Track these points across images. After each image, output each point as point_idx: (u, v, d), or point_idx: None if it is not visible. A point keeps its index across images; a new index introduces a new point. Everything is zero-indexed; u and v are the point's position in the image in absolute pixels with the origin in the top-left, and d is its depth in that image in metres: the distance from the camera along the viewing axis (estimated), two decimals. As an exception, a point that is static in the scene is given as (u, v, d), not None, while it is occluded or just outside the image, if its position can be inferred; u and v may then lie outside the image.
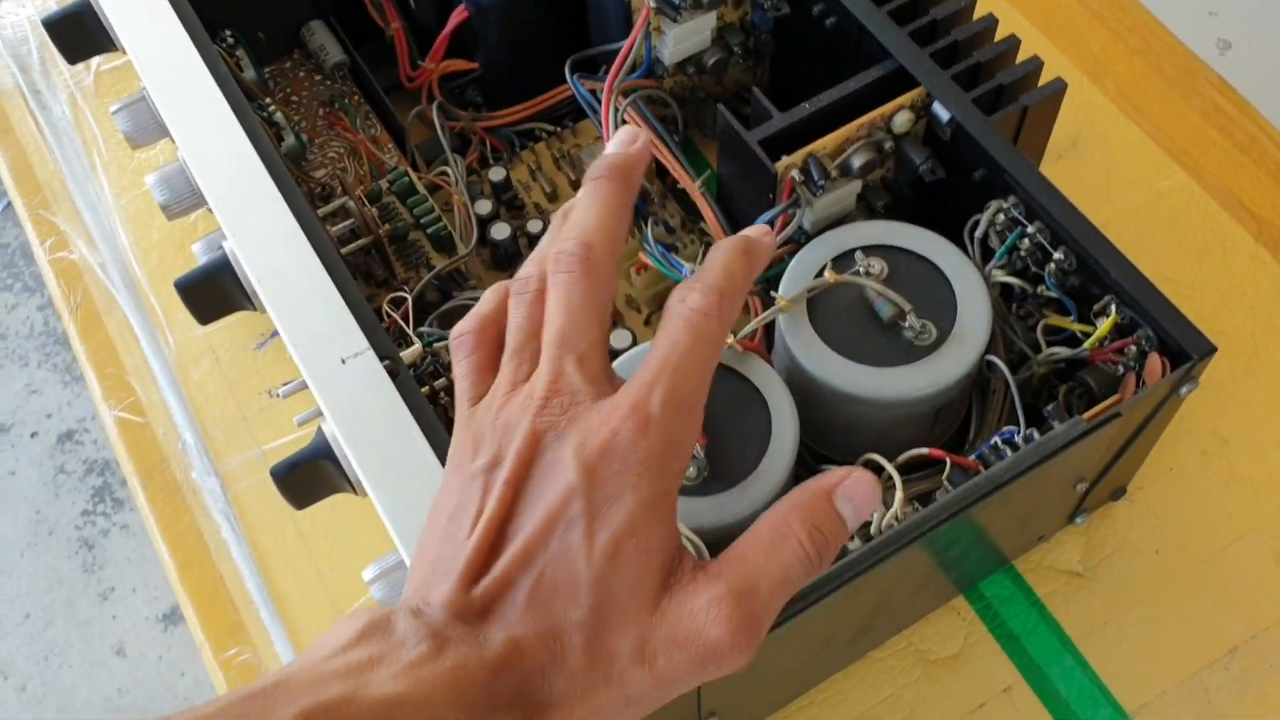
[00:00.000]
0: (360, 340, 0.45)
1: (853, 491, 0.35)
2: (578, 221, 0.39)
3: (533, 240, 0.61)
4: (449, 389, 0.49)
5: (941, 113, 0.52)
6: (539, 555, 0.34)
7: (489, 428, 0.37)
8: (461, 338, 0.40)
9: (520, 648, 0.33)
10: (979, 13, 0.56)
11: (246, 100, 0.57)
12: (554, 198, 0.63)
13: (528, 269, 0.39)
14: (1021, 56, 0.54)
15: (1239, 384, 0.59)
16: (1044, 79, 0.54)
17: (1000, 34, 0.55)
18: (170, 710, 0.34)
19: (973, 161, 0.52)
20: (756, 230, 0.42)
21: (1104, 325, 0.48)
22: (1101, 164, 0.66)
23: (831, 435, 0.52)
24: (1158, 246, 0.63)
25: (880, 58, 0.54)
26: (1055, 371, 0.51)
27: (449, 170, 0.59)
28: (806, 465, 0.53)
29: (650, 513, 0.34)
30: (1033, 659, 0.53)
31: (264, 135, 0.52)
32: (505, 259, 0.60)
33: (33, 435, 1.42)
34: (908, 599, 0.51)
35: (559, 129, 0.66)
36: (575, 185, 0.64)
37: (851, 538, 0.41)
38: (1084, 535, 0.56)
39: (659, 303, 0.60)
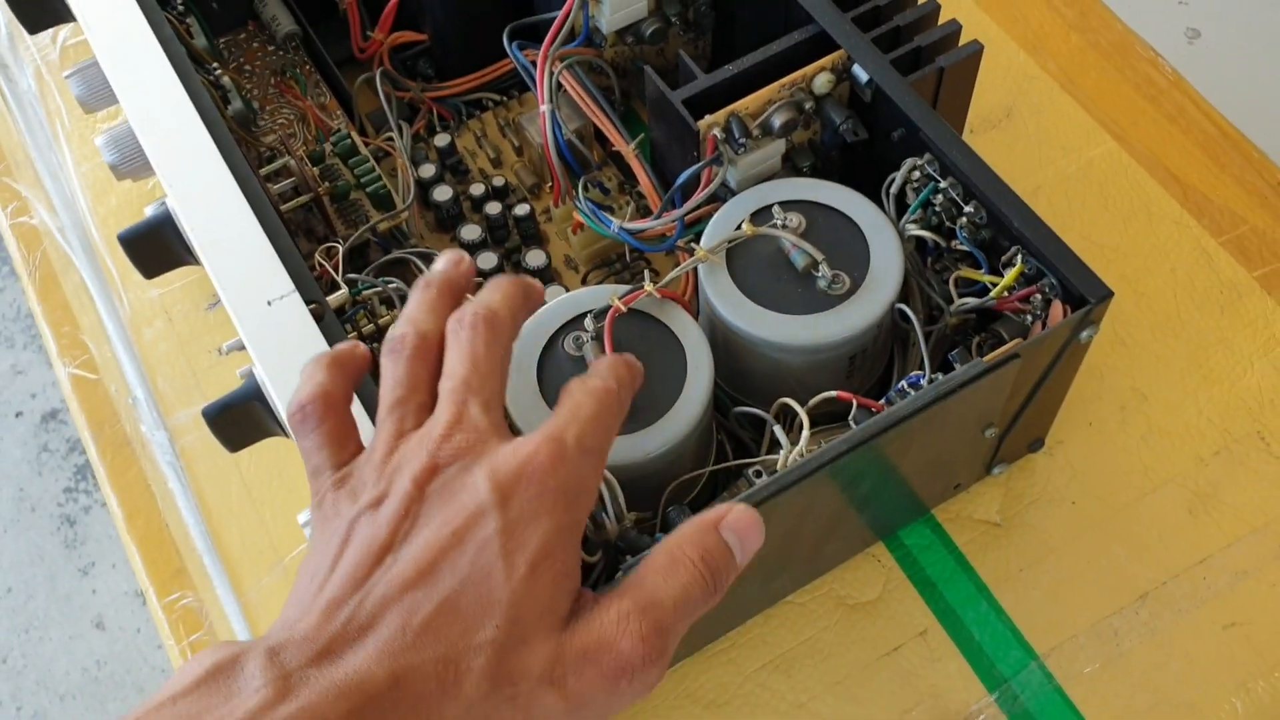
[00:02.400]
0: (287, 284, 0.47)
1: (735, 522, 0.37)
2: (482, 297, 0.40)
3: (475, 203, 0.63)
4: (378, 335, 0.50)
5: (861, 74, 0.54)
6: (445, 572, 0.32)
7: (371, 475, 0.35)
8: (304, 408, 0.38)
9: (402, 679, 0.31)
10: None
11: (195, 65, 0.59)
12: (498, 164, 0.65)
13: (399, 329, 0.39)
14: (961, 33, 0.56)
15: (1160, 342, 0.61)
16: (985, 56, 0.55)
17: (943, 10, 0.57)
18: (147, 683, 0.31)
19: (891, 121, 0.54)
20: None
21: (1010, 275, 0.50)
22: (1034, 133, 0.68)
23: (751, 383, 0.54)
24: (1086, 211, 0.65)
25: (806, 22, 0.56)
26: (974, 324, 0.53)
27: (394, 136, 0.61)
28: (726, 412, 0.54)
29: (564, 537, 0.34)
30: (949, 604, 0.55)
31: (207, 98, 0.54)
32: (448, 220, 0.62)
33: (17, 415, 1.44)
34: (823, 540, 0.52)
35: (506, 99, 0.68)
36: (519, 152, 0.66)
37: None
38: (1003, 486, 0.57)
39: (596, 260, 0.62)
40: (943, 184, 0.52)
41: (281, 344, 0.46)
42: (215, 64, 0.60)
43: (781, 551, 0.50)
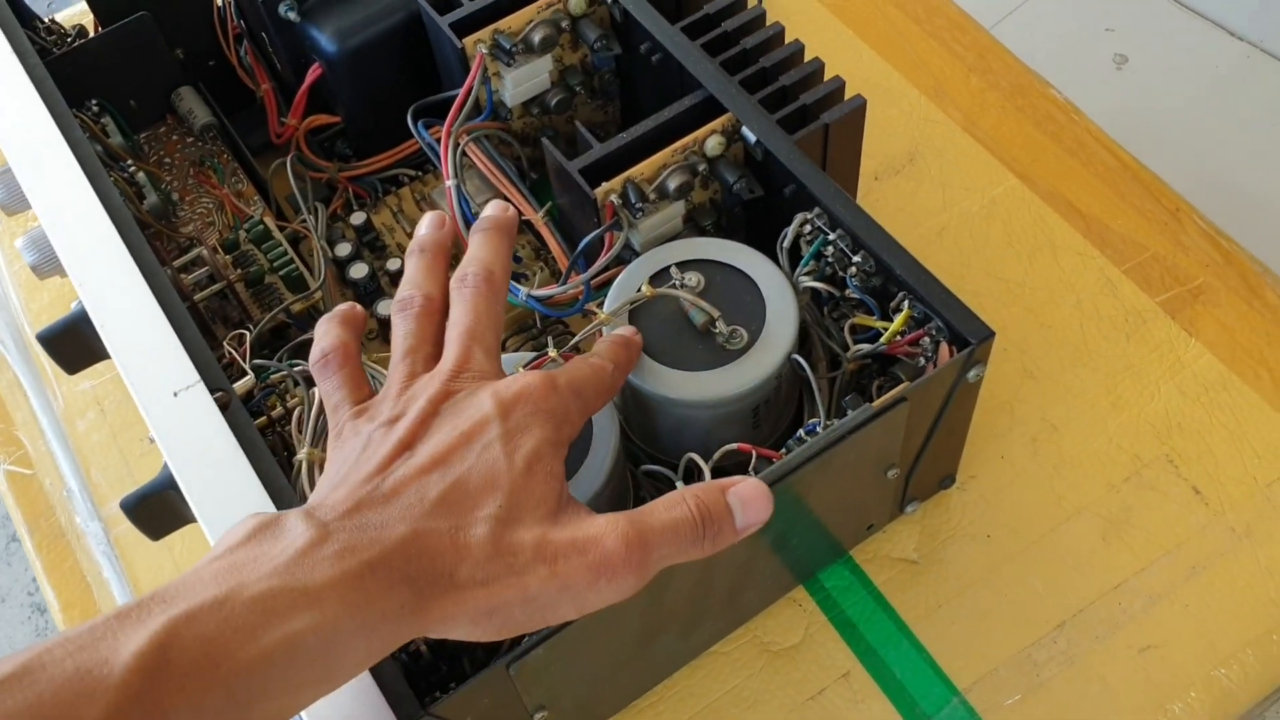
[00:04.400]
0: (192, 374, 0.48)
1: (742, 490, 0.40)
2: (476, 256, 0.45)
3: (393, 277, 0.64)
4: (287, 418, 0.52)
5: (749, 135, 0.56)
6: (456, 462, 0.37)
7: (388, 404, 0.40)
8: (326, 355, 0.43)
9: (421, 535, 0.36)
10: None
11: (111, 163, 0.61)
12: (414, 238, 0.67)
13: (406, 291, 0.44)
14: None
15: (1069, 373, 0.63)
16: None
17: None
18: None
19: (781, 178, 0.55)
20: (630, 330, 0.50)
21: (898, 320, 0.51)
22: (938, 175, 0.70)
23: (661, 438, 0.55)
24: (991, 248, 0.67)
25: (696, 87, 0.58)
26: (876, 368, 0.55)
27: (307, 217, 0.63)
28: (640, 465, 0.55)
29: (552, 449, 0.39)
30: (870, 644, 0.56)
31: (116, 195, 0.55)
32: (366, 297, 0.64)
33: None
34: (739, 588, 0.53)
35: (421, 173, 0.69)
36: (434, 225, 0.67)
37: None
38: (919, 524, 0.59)
39: (515, 326, 0.64)
40: (832, 236, 0.53)
41: (188, 433, 0.48)
42: (130, 160, 0.62)
43: (696, 602, 0.51)
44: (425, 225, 0.47)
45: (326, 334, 0.44)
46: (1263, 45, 1.56)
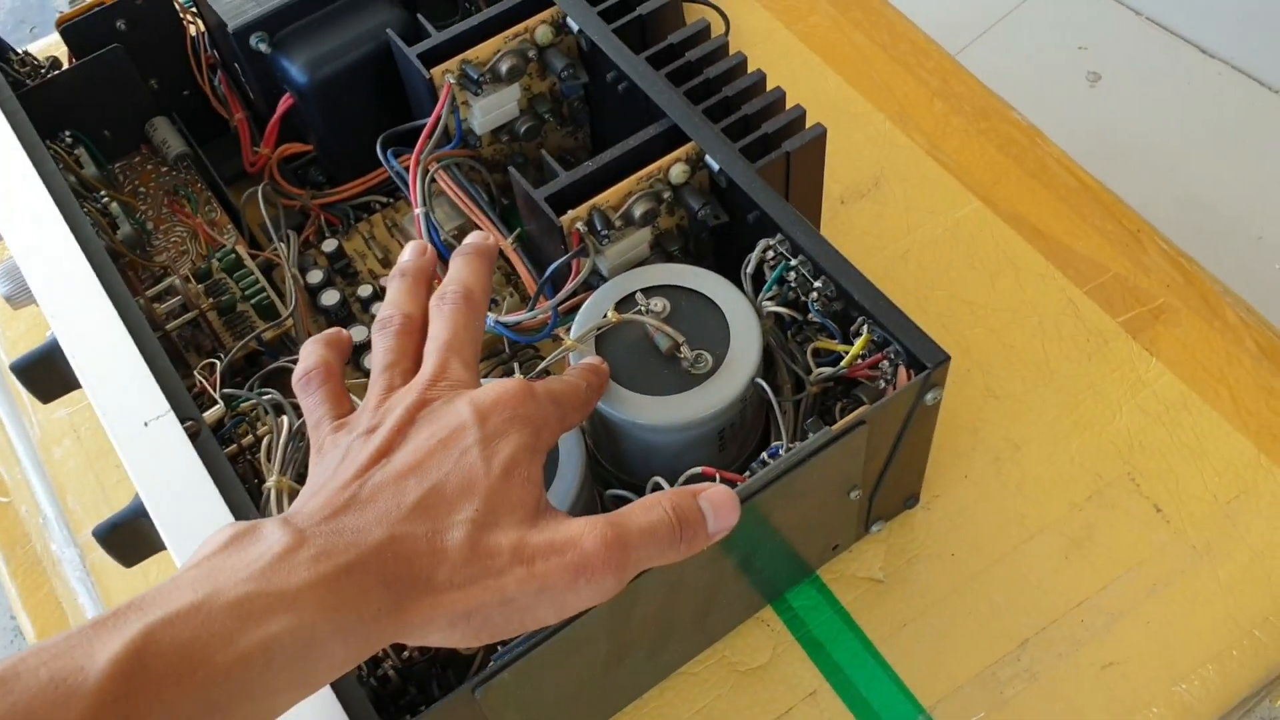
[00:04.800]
0: (163, 404, 0.49)
1: (712, 495, 0.41)
2: (456, 276, 0.46)
3: (365, 304, 0.65)
4: (255, 446, 0.52)
5: (713, 163, 0.57)
6: (433, 468, 0.38)
7: (366, 415, 0.41)
8: (308, 374, 0.44)
9: (397, 539, 0.36)
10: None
11: (84, 193, 0.62)
12: (387, 263, 0.68)
13: (386, 311, 0.45)
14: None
15: (1031, 393, 0.64)
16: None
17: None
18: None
19: (745, 205, 0.56)
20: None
21: (858, 344, 0.52)
22: (902, 199, 0.71)
23: (629, 462, 0.56)
24: (954, 270, 0.68)
25: (661, 116, 0.59)
26: (840, 391, 0.55)
27: (279, 246, 0.64)
28: (608, 488, 0.56)
29: (530, 455, 0.40)
30: (837, 663, 0.56)
31: (88, 226, 0.56)
32: (338, 323, 0.64)
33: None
34: (706, 608, 0.54)
35: (393, 200, 0.70)
36: (406, 251, 0.68)
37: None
38: (884, 543, 0.59)
39: (486, 351, 0.64)
40: (794, 262, 0.54)
41: (158, 462, 0.48)
42: (103, 191, 0.62)
43: (663, 623, 0.52)
44: (407, 252, 0.48)
45: (310, 354, 0.45)
46: (1235, 63, 1.58)
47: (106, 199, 0.61)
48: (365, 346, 0.63)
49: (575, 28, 0.62)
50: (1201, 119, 1.53)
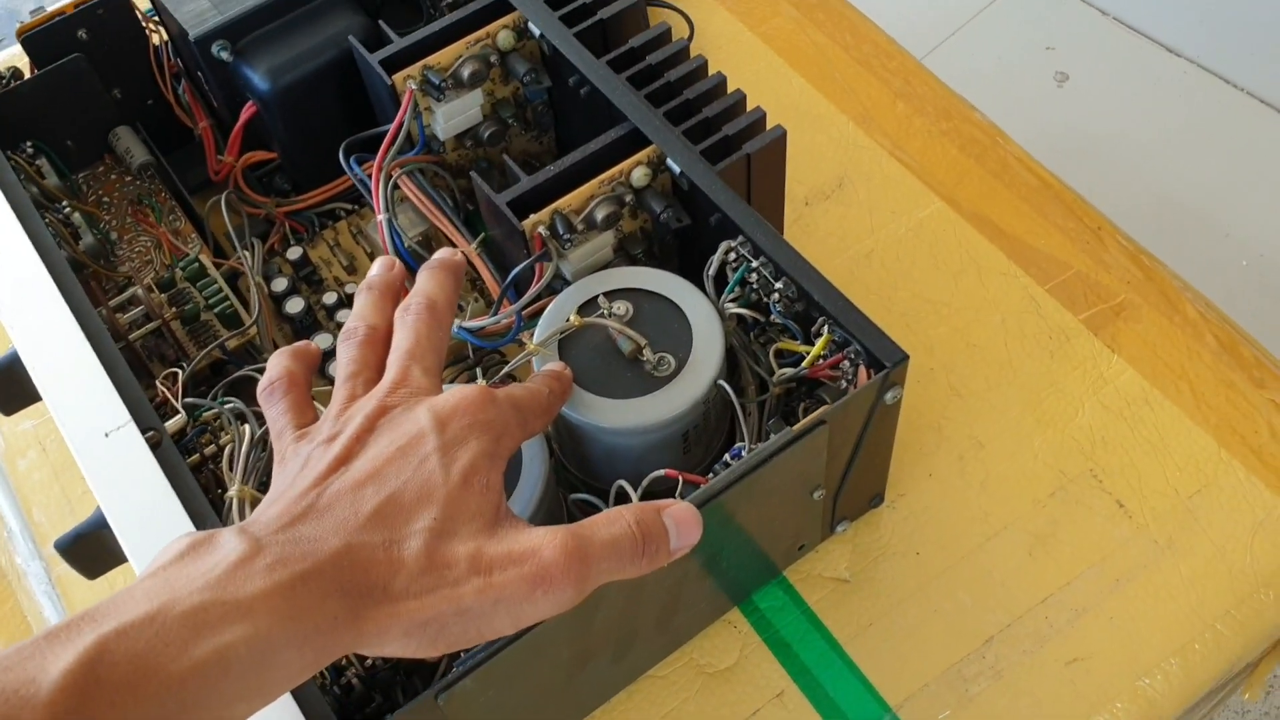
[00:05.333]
0: (123, 414, 0.49)
1: (675, 512, 0.42)
2: (420, 288, 0.46)
3: (330, 311, 0.65)
4: (217, 455, 0.52)
5: (674, 166, 0.57)
6: (391, 475, 0.38)
7: (327, 424, 0.41)
8: (272, 385, 0.44)
9: (354, 548, 0.36)
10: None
11: (46, 204, 0.61)
12: (352, 270, 0.68)
13: (351, 323, 0.46)
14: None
15: (994, 391, 0.64)
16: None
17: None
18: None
19: (707, 208, 0.57)
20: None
21: (818, 345, 0.52)
22: (865, 200, 0.71)
23: (594, 465, 0.56)
24: (918, 270, 0.68)
25: (623, 120, 0.59)
26: (803, 392, 0.56)
27: (245, 254, 0.63)
28: (575, 491, 0.56)
29: (490, 461, 0.40)
30: (803, 664, 0.57)
31: (48, 237, 0.56)
32: (303, 331, 0.64)
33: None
34: (671, 610, 0.54)
35: (358, 207, 0.70)
36: (371, 257, 0.68)
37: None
38: (850, 543, 0.60)
39: (452, 357, 0.64)
40: (755, 263, 0.54)
41: (119, 473, 0.48)
42: (65, 201, 0.62)
43: (627, 626, 0.52)
44: (375, 267, 0.49)
45: (275, 365, 0.46)
46: (1201, 62, 1.60)
47: (69, 209, 0.61)
48: (332, 354, 0.63)
49: (537, 33, 0.63)
50: (1169, 118, 1.54)
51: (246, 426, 0.51)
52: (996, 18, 1.61)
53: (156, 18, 0.71)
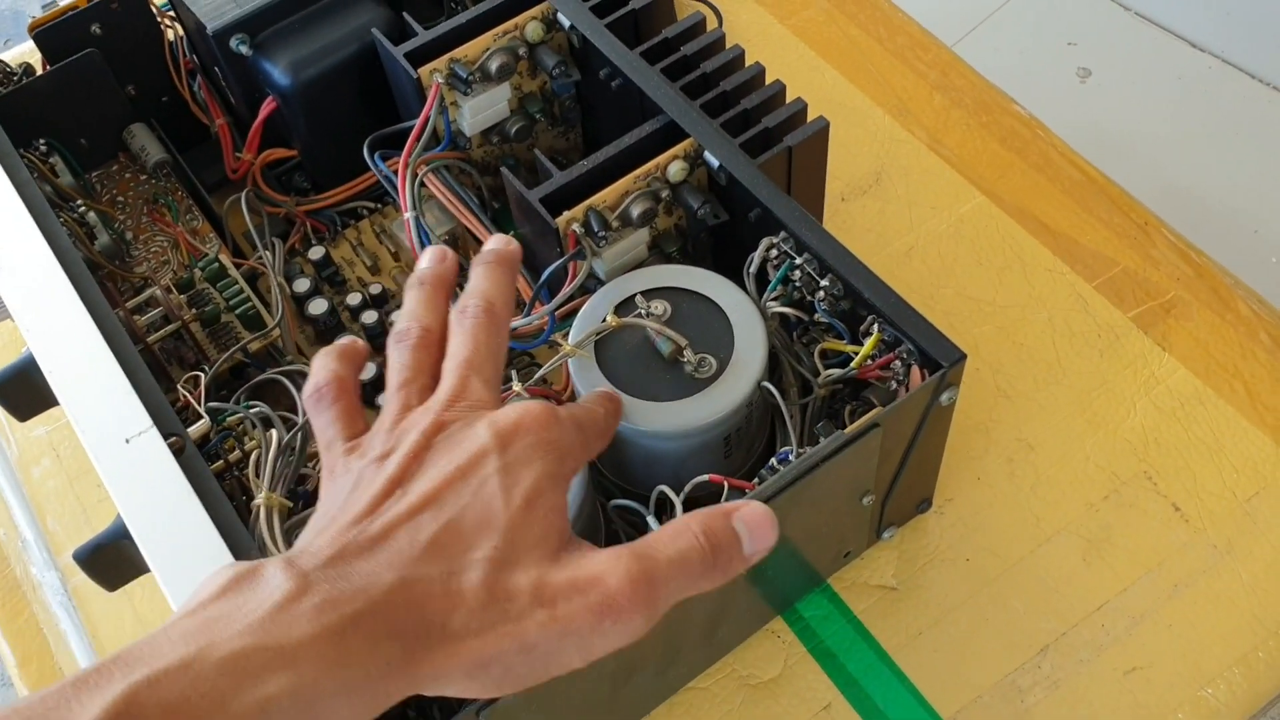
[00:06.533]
0: (145, 420, 0.47)
1: (747, 515, 0.38)
2: (477, 288, 0.43)
3: (353, 313, 0.63)
4: (244, 461, 0.50)
5: (712, 160, 0.55)
6: (450, 500, 0.35)
7: (380, 438, 0.38)
8: (319, 390, 0.41)
9: (410, 583, 0.33)
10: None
11: (60, 203, 0.59)
12: (375, 270, 0.66)
13: (403, 323, 0.43)
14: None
15: (1043, 391, 0.62)
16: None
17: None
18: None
19: (746, 203, 0.54)
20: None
21: (868, 344, 0.50)
22: (904, 195, 0.69)
23: (632, 470, 0.54)
24: (960, 267, 0.66)
25: (657, 113, 0.57)
26: (848, 393, 0.54)
27: (264, 254, 0.61)
28: (611, 499, 0.54)
29: (554, 483, 0.37)
30: (851, 675, 0.55)
31: (64, 237, 0.54)
32: (326, 333, 0.62)
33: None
34: (716, 621, 0.52)
35: (381, 206, 0.68)
36: (395, 257, 0.66)
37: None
38: (896, 550, 0.57)
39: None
40: (799, 260, 0.52)
41: (141, 481, 0.46)
42: (80, 200, 0.60)
43: (670, 638, 0.50)
44: (426, 259, 0.46)
45: (322, 368, 0.43)
46: (1225, 57, 1.57)
47: (83, 208, 0.59)
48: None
49: (566, 24, 0.60)
50: (1193, 113, 1.52)
51: (273, 432, 0.49)
52: (1016, 13, 1.59)
53: (172, 12, 0.69)
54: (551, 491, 0.37)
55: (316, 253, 0.64)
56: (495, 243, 0.46)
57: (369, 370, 0.59)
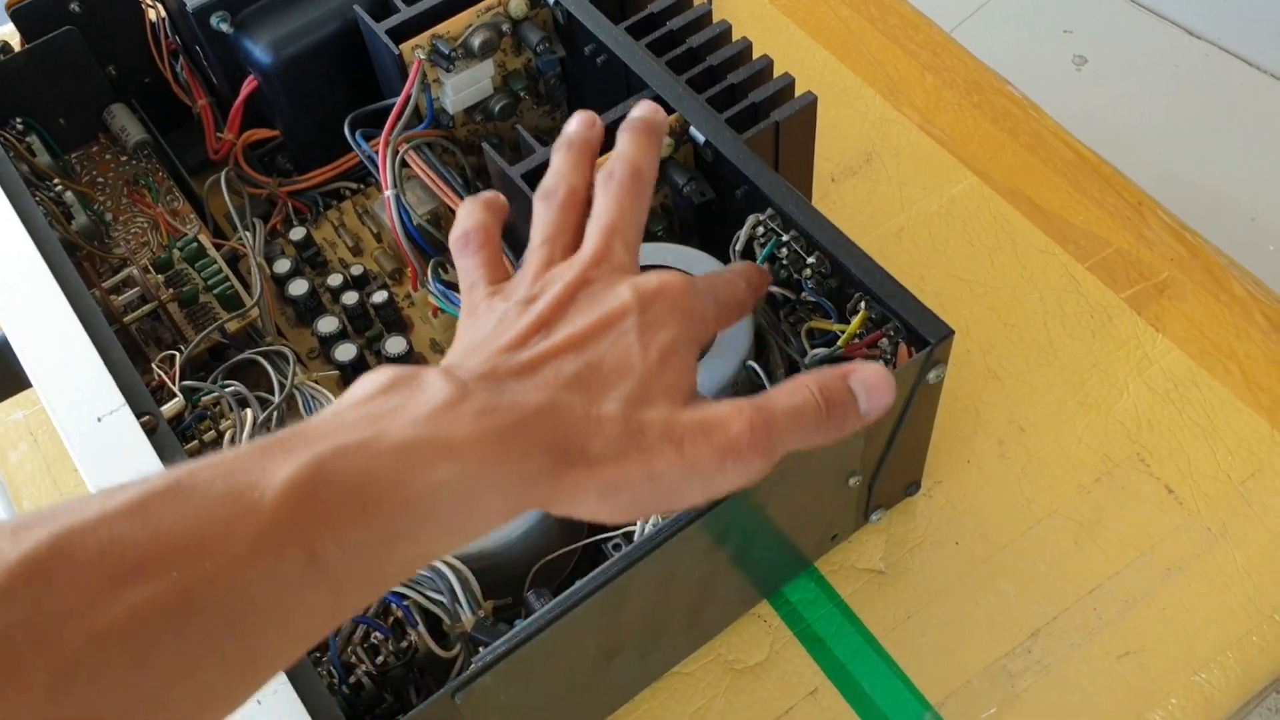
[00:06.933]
0: (117, 398, 0.46)
1: (863, 375, 0.39)
2: (624, 153, 0.44)
3: (334, 294, 0.62)
4: (219, 441, 0.49)
5: (698, 135, 0.54)
6: (591, 346, 0.37)
7: (524, 285, 0.40)
8: (467, 234, 0.43)
9: (557, 408, 0.35)
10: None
11: (37, 182, 0.59)
12: (358, 251, 0.65)
13: (550, 182, 0.44)
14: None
15: (1034, 372, 0.61)
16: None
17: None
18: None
19: (732, 180, 0.54)
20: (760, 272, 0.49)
21: (854, 322, 0.49)
22: (895, 175, 0.68)
23: (615, 455, 0.53)
24: (951, 248, 0.65)
25: (642, 88, 0.56)
26: (834, 374, 0.53)
27: (246, 235, 0.61)
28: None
29: (687, 345, 0.39)
30: (838, 659, 0.54)
31: (39, 216, 0.53)
32: (307, 314, 0.61)
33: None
34: (700, 604, 0.51)
35: (363, 186, 0.67)
36: (378, 238, 0.65)
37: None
38: (884, 532, 0.57)
39: (462, 345, 0.62)
40: (785, 237, 0.51)
41: (112, 459, 0.45)
42: (57, 180, 0.59)
43: (655, 620, 0.49)
44: (575, 122, 0.46)
45: (470, 215, 0.44)
46: (1222, 44, 1.56)
47: (61, 188, 0.58)
48: (337, 337, 0.60)
49: (551, -1, 0.60)
50: (1189, 102, 1.51)
51: (249, 411, 0.48)
52: (1011, 1, 1.58)
53: (152, -9, 0.68)
54: (684, 351, 0.39)
55: (298, 233, 0.63)
56: (643, 109, 0.46)
57: (349, 351, 0.59)
